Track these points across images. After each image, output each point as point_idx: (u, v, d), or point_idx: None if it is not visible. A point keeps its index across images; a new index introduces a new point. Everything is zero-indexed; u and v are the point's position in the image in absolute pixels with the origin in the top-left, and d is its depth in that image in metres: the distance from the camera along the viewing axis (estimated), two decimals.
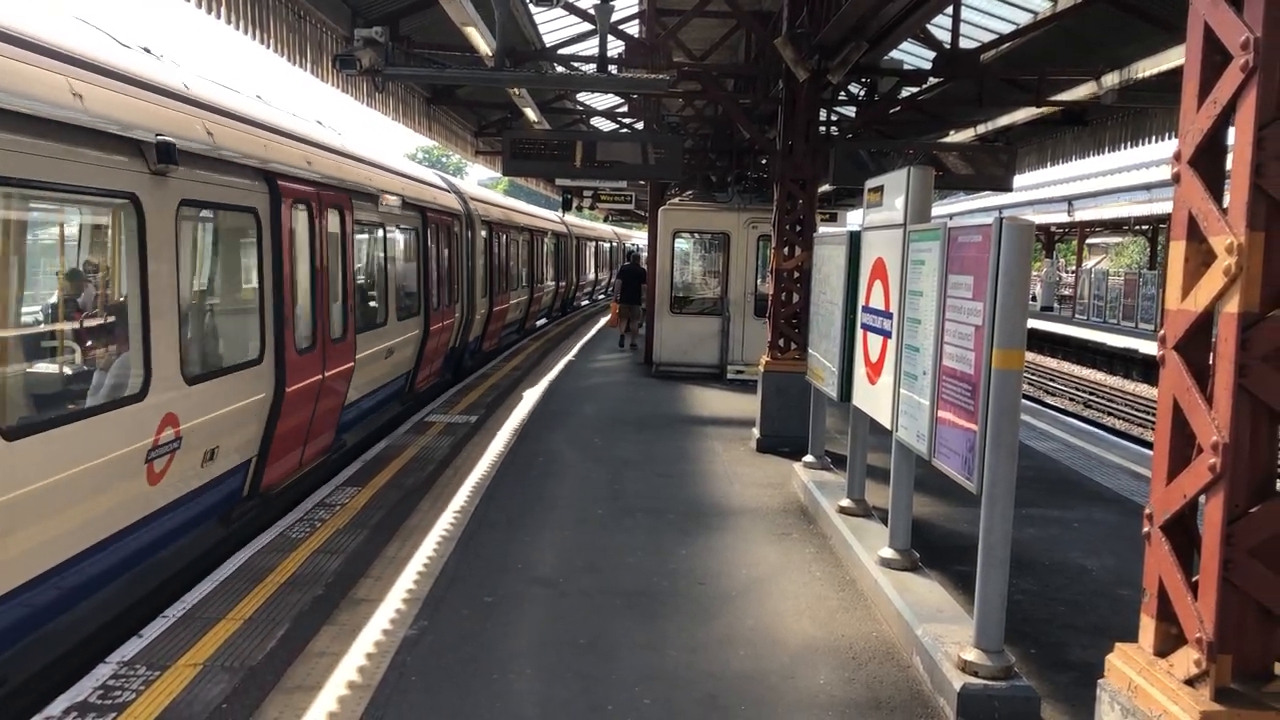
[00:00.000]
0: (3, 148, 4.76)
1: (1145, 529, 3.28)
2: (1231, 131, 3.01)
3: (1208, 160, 3.12)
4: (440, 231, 14.50)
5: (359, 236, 10.61)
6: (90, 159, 5.50)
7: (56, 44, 5.37)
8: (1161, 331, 3.23)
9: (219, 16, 8.37)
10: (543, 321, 29.48)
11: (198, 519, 7.12)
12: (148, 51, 6.90)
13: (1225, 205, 2.99)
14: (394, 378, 12.38)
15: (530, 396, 14.12)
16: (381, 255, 11.70)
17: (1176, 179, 3.18)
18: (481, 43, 10.13)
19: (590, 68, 10.70)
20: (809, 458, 9.10)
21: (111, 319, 6.27)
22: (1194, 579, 3.07)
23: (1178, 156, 3.17)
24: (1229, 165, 2.99)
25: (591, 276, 43.86)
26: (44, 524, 5.12)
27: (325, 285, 9.09)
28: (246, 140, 7.57)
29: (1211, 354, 3.07)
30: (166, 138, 6.11)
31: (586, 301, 43.06)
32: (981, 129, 16.54)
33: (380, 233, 11.60)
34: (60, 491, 5.20)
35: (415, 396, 13.88)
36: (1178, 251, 3.18)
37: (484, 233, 18.15)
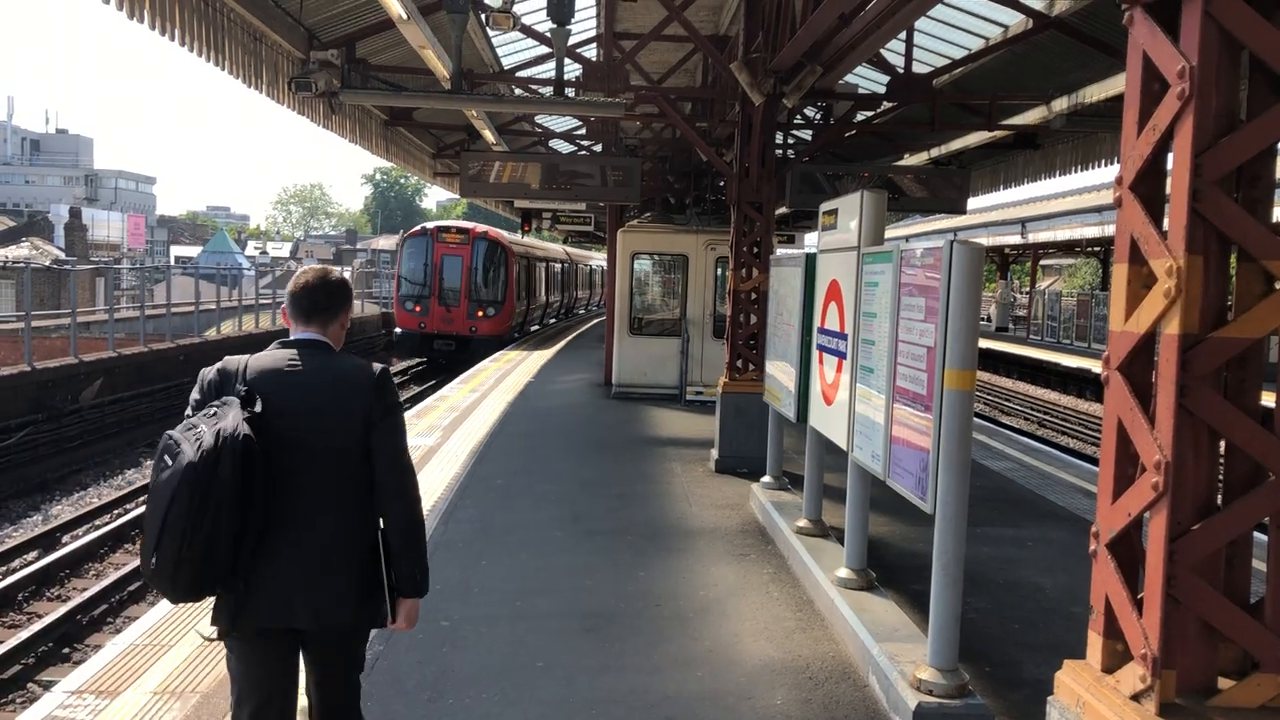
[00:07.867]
0: None
1: (1092, 547, 3.33)
2: (1170, 157, 3.08)
3: (1148, 185, 3.19)
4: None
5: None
6: None
7: None
8: (1106, 353, 3.30)
9: (173, 38, 8.28)
10: (553, 321, 41.24)
11: None
12: None
13: (1165, 229, 3.06)
14: None
15: (488, 418, 14.06)
16: None
17: (1119, 203, 3.24)
18: (439, 65, 10.11)
19: (548, 90, 10.73)
20: (767, 478, 9.13)
21: None
22: (1139, 596, 3.12)
23: (1119, 181, 3.23)
24: (1169, 190, 3.06)
25: (584, 294, 51.92)
26: None
27: None
28: None
29: (1154, 375, 3.13)
30: None
31: (582, 310, 51.50)
32: (935, 152, 16.75)
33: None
34: None
35: None
36: (1120, 274, 3.24)
37: (525, 262, 31.16)
